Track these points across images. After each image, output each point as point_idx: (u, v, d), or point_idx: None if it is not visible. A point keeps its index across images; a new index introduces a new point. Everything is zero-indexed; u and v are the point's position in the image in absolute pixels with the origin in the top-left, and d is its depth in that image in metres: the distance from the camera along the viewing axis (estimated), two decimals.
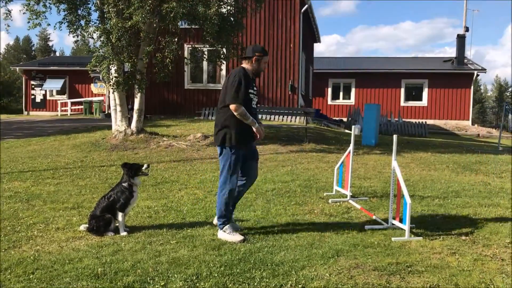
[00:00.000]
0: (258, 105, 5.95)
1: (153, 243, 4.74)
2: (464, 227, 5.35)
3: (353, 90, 31.35)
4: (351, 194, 6.74)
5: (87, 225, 5.20)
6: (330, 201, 6.63)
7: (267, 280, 3.77)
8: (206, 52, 14.75)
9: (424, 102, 30.59)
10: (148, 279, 3.81)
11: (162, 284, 3.71)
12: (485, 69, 31.14)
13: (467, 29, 33.73)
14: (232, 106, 4.84)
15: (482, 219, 5.73)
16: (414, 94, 30.93)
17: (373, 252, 4.43)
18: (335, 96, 31.76)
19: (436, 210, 6.15)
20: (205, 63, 19.05)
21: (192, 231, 5.14)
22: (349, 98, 31.39)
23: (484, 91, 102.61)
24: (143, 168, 5.28)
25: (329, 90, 31.62)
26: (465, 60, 32.25)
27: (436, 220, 5.67)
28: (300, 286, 3.66)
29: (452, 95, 30.23)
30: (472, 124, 31.56)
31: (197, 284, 3.71)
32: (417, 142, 15.51)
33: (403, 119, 26.47)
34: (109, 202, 5.17)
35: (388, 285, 3.69)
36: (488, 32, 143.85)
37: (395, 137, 5.43)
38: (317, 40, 26.92)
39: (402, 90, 30.74)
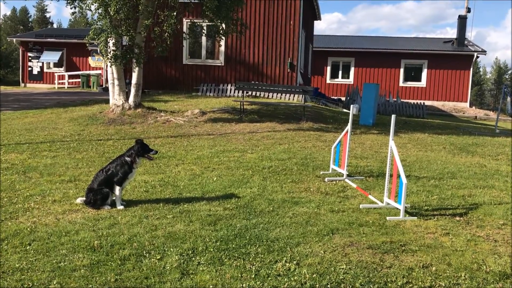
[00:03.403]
0: (256, 82, 5.90)
1: (149, 217, 4.77)
2: (459, 208, 5.40)
3: (352, 69, 31.16)
4: (347, 173, 6.77)
5: (84, 198, 5.22)
6: (326, 179, 6.65)
7: (262, 255, 3.81)
8: (205, 27, 14.58)
9: (423, 83, 30.46)
10: (144, 252, 3.85)
11: (158, 257, 3.75)
12: (485, 51, 30.94)
13: (468, 10, 33.42)
14: None
15: (476, 200, 5.78)
16: (413, 74, 30.77)
17: (367, 231, 4.48)
18: (334, 75, 31.57)
19: (431, 190, 6.18)
20: (204, 39, 18.83)
21: (189, 206, 5.17)
22: (348, 77, 31.22)
23: (483, 73, 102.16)
24: (152, 152, 5.38)
25: (328, 68, 31.41)
26: (466, 42, 32.01)
27: (431, 200, 5.71)
28: (294, 262, 3.70)
29: (451, 77, 30.10)
30: (470, 106, 31.50)
31: (193, 258, 3.75)
32: (415, 123, 15.51)
33: (402, 100, 26.40)
34: (107, 175, 5.18)
35: (381, 263, 3.73)
36: (491, 13, 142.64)
37: (393, 117, 5.42)
38: (318, 17, 26.59)
39: (402, 70, 30.57)
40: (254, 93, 17.73)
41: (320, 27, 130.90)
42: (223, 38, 15.02)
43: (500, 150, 10.12)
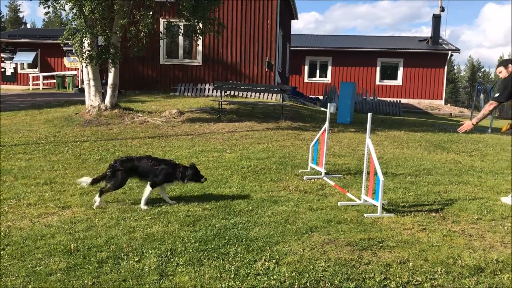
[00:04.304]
0: (234, 81, 5.91)
1: (127, 219, 4.72)
2: (435, 204, 5.49)
3: (329, 68, 31.40)
4: (325, 171, 6.82)
5: (90, 179, 5.20)
6: (305, 178, 6.69)
7: (241, 255, 3.81)
8: (182, 27, 14.50)
9: (399, 81, 30.89)
10: (122, 254, 3.80)
11: (136, 259, 3.71)
12: (459, 49, 31.56)
13: (442, 9, 34.00)
14: None
15: (452, 196, 5.88)
16: (389, 73, 31.17)
17: (346, 228, 4.51)
18: (311, 74, 31.76)
19: (408, 187, 6.28)
20: (181, 38, 18.73)
21: (167, 207, 5.13)
22: (326, 76, 31.45)
23: (457, 71, 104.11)
24: (202, 179, 5.47)
25: (306, 68, 31.59)
26: (440, 40, 32.57)
27: (408, 197, 5.80)
28: (274, 261, 3.71)
29: (426, 75, 30.59)
30: (445, 103, 32.09)
31: (172, 259, 3.72)
32: (391, 121, 15.73)
33: (378, 98, 26.74)
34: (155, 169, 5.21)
35: (360, 260, 3.77)
36: (464, 12, 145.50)
37: (369, 115, 5.48)
38: (295, 17, 26.71)
39: (378, 69, 30.94)
40: (232, 93, 17.72)
41: (298, 26, 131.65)
42: (201, 37, 14.97)
43: (474, 147, 10.34)
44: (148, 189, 5.21)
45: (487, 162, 8.50)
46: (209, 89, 18.57)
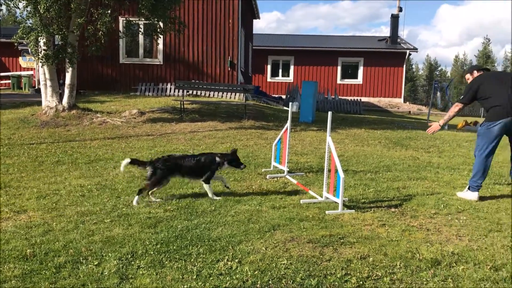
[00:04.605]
0: (197, 80, 5.98)
1: (86, 223, 4.60)
2: (394, 200, 5.62)
3: (292, 68, 31.68)
4: (288, 169, 6.86)
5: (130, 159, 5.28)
6: (268, 176, 6.71)
7: (204, 256, 3.78)
8: (142, 26, 14.27)
9: (359, 80, 31.50)
10: (81, 259, 3.71)
11: (95, 263, 3.62)
12: (417, 49, 32.47)
13: (400, 9, 34.89)
14: None
15: (410, 192, 6.04)
16: (350, 72, 31.74)
17: (308, 225, 4.56)
18: (274, 73, 31.96)
19: (368, 184, 6.40)
20: (141, 37, 18.44)
21: (127, 209, 5.03)
22: (288, 76, 31.71)
23: (416, 69, 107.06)
24: (241, 166, 5.68)
25: (269, 67, 31.76)
26: (399, 40, 33.41)
27: (368, 193, 5.91)
28: (236, 260, 3.70)
29: (386, 74, 31.32)
30: (404, 101, 32.94)
31: (132, 262, 3.65)
32: (352, 119, 16.00)
33: (340, 97, 27.16)
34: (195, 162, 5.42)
35: (321, 256, 3.81)
36: (421, 13, 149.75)
37: (329, 114, 5.55)
38: (257, 16, 26.78)
39: (339, 68, 31.44)
40: (194, 92, 17.59)
41: (260, 25, 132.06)
42: (161, 36, 14.78)
43: (431, 143, 10.65)
44: (206, 186, 5.49)
45: (444, 158, 8.78)
46: (170, 88, 18.37)
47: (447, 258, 3.82)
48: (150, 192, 5.36)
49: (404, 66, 31.60)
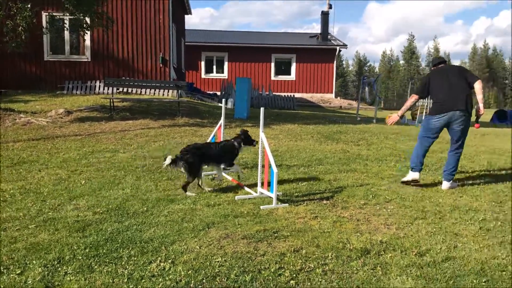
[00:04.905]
0: (127, 77, 5.88)
1: (8, 229, 4.32)
2: (326, 192, 5.75)
3: (226, 64, 31.64)
4: (222, 166, 6.82)
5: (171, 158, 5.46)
6: (203, 174, 6.63)
7: (135, 258, 3.67)
8: (67, 21, 13.64)
9: (293, 76, 32.05)
10: (2, 268, 3.47)
11: (18, 272, 3.41)
12: (346, 45, 33.50)
13: (330, 6, 35.83)
14: None
15: (341, 184, 6.21)
16: (283, 68, 32.21)
17: (242, 222, 4.55)
18: (208, 70, 31.78)
19: (301, 177, 6.51)
20: (67, 33, 17.60)
21: (54, 213, 4.79)
22: (223, 72, 31.65)
23: (346, 66, 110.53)
24: (254, 142, 6.22)
25: (203, 63, 31.53)
26: (329, 36, 34.35)
27: (301, 186, 6.01)
28: (169, 261, 3.62)
29: (317, 70, 32.10)
30: (336, 96, 33.95)
31: (59, 268, 3.47)
32: (286, 115, 16.24)
33: (274, 93, 27.49)
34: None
35: (256, 251, 3.82)
36: (351, 11, 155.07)
37: (262, 110, 5.58)
38: (188, 12, 26.44)
39: (273, 64, 31.82)
40: (125, 90, 17.08)
41: (193, 21, 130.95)
42: (88, 32, 14.21)
43: (360, 136, 11.03)
44: (234, 168, 6.08)
45: (372, 150, 9.12)
46: (99, 86, 17.71)
47: (376, 246, 3.96)
48: (199, 183, 5.78)
49: (335, 62, 32.53)
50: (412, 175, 6.22)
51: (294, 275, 3.41)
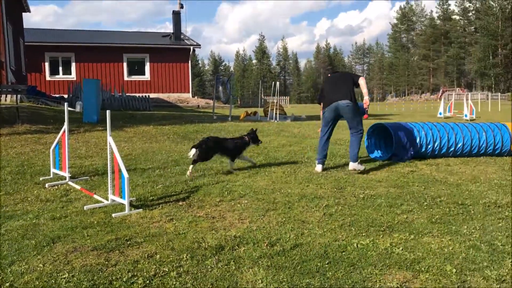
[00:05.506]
0: None
1: None
2: (182, 193, 5.72)
3: (73, 65, 29.74)
4: (70, 175, 6.39)
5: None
6: (47, 185, 6.13)
7: None
8: None
9: (147, 76, 31.39)
10: None
11: None
12: (200, 45, 33.85)
13: (182, 6, 35.85)
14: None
15: (197, 183, 6.24)
16: (137, 68, 31.35)
17: (92, 232, 4.30)
18: (54, 71, 29.53)
19: (156, 180, 6.39)
20: None
21: None
22: (70, 73, 29.69)
23: (202, 65, 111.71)
24: (259, 142, 7.36)
25: (47, 64, 29.21)
26: (182, 36, 34.33)
27: (156, 190, 5.89)
28: (7, 284, 3.26)
29: (173, 69, 31.89)
30: (193, 96, 34.11)
31: None
32: (141, 116, 15.83)
33: (127, 94, 26.60)
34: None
35: (107, 262, 3.63)
36: (203, 11, 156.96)
37: (108, 112, 5.32)
38: (26, 9, 24.18)
39: (125, 64, 30.77)
40: None
41: (34, 20, 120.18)
42: None
43: (217, 134, 11.20)
44: (243, 158, 7.29)
45: None
46: None
47: (230, 242, 4.05)
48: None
49: (190, 62, 32.65)
50: (317, 168, 7.10)
51: (148, 281, 3.31)
